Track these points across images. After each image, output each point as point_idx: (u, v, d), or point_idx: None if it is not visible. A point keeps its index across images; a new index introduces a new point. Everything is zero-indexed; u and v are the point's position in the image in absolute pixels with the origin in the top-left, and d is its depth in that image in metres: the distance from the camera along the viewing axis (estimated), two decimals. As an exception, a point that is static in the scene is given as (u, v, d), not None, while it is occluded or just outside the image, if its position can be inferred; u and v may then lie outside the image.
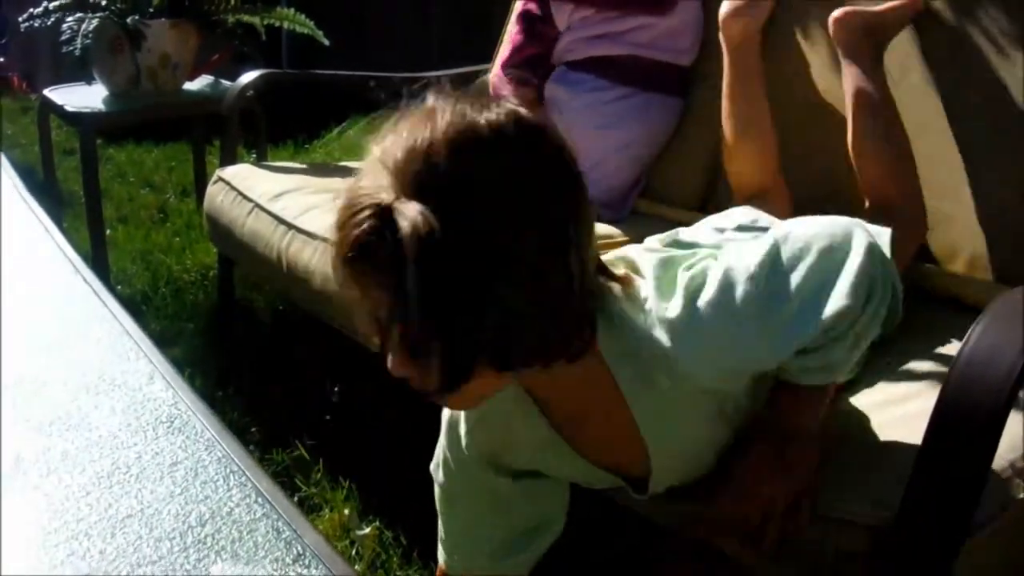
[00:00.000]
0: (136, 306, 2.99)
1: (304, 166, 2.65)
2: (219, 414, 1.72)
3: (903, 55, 1.94)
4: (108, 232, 3.44)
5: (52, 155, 3.52)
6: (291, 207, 2.22)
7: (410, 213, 0.90)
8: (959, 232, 1.83)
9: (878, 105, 1.85)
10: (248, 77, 2.65)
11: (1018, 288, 1.25)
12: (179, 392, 1.24)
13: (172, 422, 1.15)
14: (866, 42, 1.90)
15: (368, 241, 0.93)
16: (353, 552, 1.91)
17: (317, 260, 2.04)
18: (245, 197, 2.35)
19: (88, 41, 2.92)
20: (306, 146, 4.85)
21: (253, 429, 2.32)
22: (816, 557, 1.18)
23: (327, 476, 2.14)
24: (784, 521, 1.18)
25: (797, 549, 1.20)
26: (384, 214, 0.92)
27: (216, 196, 2.44)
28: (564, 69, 2.38)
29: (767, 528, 1.18)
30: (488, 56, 2.94)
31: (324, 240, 2.05)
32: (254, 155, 3.24)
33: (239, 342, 2.77)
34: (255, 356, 2.68)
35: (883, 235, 1.24)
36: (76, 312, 1.48)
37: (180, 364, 2.56)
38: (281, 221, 2.19)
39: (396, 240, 0.90)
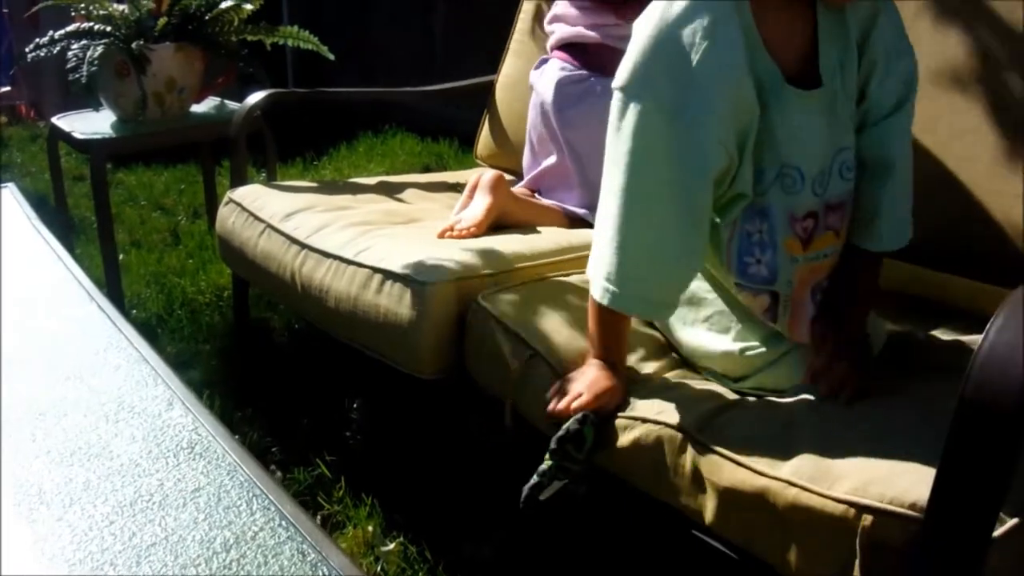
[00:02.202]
0: (152, 330, 3.00)
1: (314, 184, 2.65)
2: (239, 434, 1.71)
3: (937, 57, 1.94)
4: (121, 257, 3.45)
5: (63, 182, 3.53)
6: (303, 226, 2.22)
7: None
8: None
9: None
10: (254, 98, 2.65)
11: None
12: (199, 417, 1.24)
13: (193, 447, 1.15)
14: None
15: None
16: (378, 569, 1.91)
17: (331, 279, 2.04)
18: (256, 217, 2.35)
19: (94, 68, 2.93)
20: (315, 163, 4.85)
21: (274, 449, 2.32)
22: (845, 539, 1.20)
23: (349, 493, 2.14)
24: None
25: (825, 527, 1.21)
26: None
27: (228, 217, 2.45)
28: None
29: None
30: (493, 67, 2.94)
31: (337, 258, 2.05)
32: (263, 174, 3.25)
33: (257, 362, 2.77)
34: (273, 375, 2.68)
35: None
36: (92, 340, 1.48)
37: (198, 386, 2.59)
38: (293, 241, 2.19)
39: None
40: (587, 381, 1.55)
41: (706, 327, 1.63)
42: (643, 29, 1.40)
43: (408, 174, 2.94)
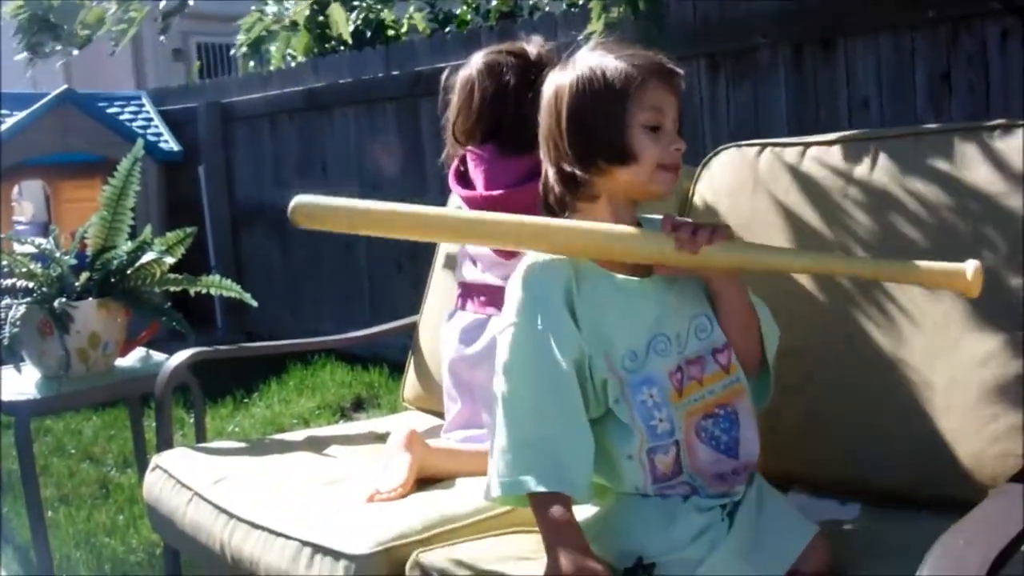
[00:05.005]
0: (83, 595, 2.94)
1: (242, 444, 2.63)
2: None
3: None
4: (49, 514, 3.39)
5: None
6: (231, 494, 2.19)
7: None
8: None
9: None
10: (176, 360, 2.64)
11: (955, 527, 1.26)
12: None
13: None
14: None
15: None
16: None
17: (261, 551, 2.00)
18: (183, 485, 2.32)
19: (16, 329, 2.92)
20: (245, 401, 4.85)
21: None
22: None
23: None
24: None
25: None
26: None
27: (155, 485, 2.41)
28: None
29: None
30: (416, 307, 2.98)
31: (265, 530, 2.03)
32: (192, 418, 3.21)
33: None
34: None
35: None
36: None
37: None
38: (222, 510, 2.16)
39: None
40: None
41: None
42: (509, 286, 1.76)
43: (335, 425, 2.93)
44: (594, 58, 1.75)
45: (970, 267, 1.60)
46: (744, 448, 1.74)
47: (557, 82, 1.77)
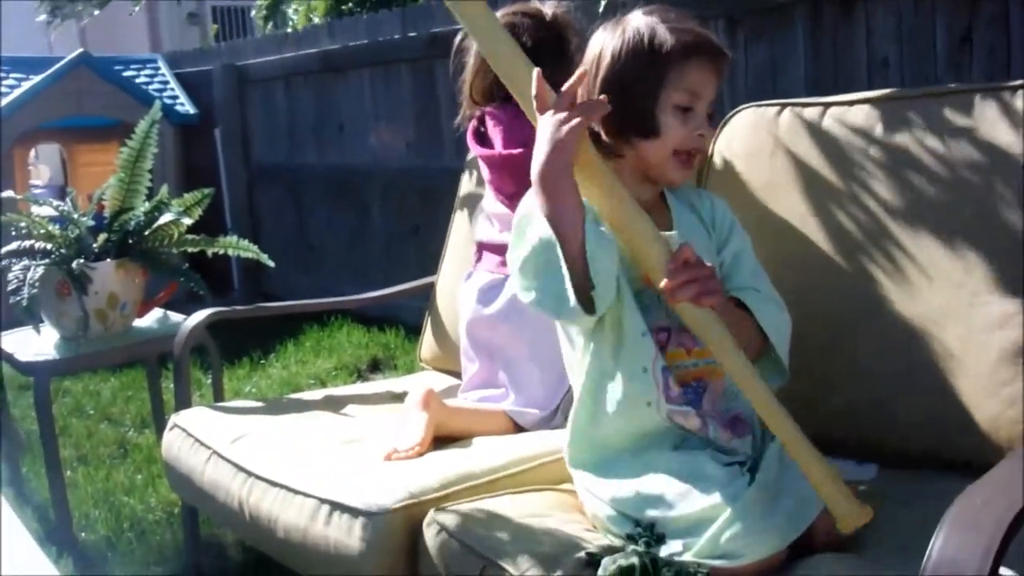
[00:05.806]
0: (102, 554, 2.96)
1: (259, 404, 2.65)
2: None
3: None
4: (68, 474, 3.41)
5: (6, 399, 3.51)
6: (249, 453, 2.21)
7: None
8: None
9: None
10: (194, 320, 2.66)
11: (971, 488, 1.26)
12: None
13: None
14: None
15: None
16: None
17: (279, 509, 2.02)
18: (202, 444, 2.33)
19: (35, 290, 2.93)
20: (262, 362, 4.86)
21: None
22: None
23: None
24: None
25: None
26: None
27: (173, 444, 2.43)
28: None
29: None
30: (432, 271, 2.98)
31: (284, 487, 2.04)
32: (210, 379, 3.22)
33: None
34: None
35: None
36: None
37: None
38: (240, 468, 2.18)
39: None
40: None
41: None
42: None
43: (352, 385, 2.94)
44: (645, 25, 1.77)
45: (852, 517, 1.59)
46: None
47: (603, 41, 1.80)
